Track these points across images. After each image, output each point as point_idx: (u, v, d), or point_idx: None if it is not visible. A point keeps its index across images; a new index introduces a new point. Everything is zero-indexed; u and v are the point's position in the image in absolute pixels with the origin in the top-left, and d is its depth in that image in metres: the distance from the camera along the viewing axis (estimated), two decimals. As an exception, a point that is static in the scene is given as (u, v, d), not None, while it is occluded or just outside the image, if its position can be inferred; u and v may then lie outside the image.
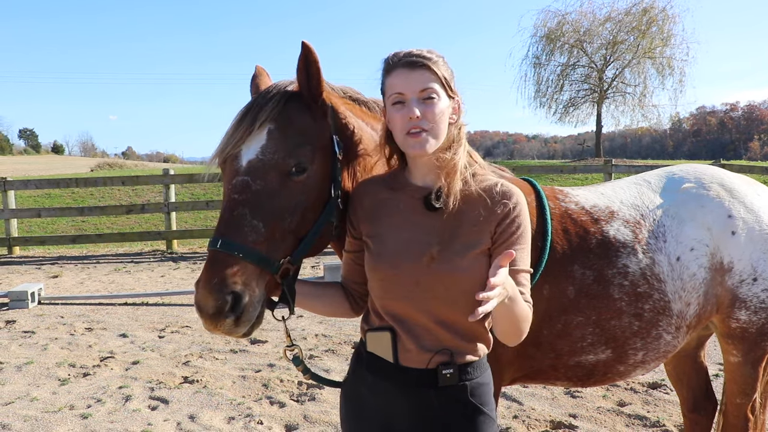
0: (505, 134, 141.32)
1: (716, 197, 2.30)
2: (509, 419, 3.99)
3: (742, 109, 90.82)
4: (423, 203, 1.61)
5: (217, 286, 1.52)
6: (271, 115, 1.65)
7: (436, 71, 1.56)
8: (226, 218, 1.59)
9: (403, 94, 1.56)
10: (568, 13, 29.42)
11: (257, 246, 1.57)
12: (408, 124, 1.55)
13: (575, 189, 2.35)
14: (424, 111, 1.54)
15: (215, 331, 1.57)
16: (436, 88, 1.56)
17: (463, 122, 1.67)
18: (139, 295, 7.55)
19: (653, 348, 2.20)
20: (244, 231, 1.57)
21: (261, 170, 1.62)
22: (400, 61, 1.57)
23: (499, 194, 1.58)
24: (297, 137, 1.65)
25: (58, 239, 11.69)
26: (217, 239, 1.56)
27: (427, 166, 1.63)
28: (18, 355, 5.46)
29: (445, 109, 1.58)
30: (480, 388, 1.61)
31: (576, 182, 17.60)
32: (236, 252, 1.54)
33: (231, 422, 4.04)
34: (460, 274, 1.53)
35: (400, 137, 1.59)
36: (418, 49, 1.59)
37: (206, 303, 1.53)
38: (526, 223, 1.59)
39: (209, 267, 1.55)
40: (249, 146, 1.64)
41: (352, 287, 1.78)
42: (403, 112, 1.56)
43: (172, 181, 11.48)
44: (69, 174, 24.77)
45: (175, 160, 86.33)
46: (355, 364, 1.76)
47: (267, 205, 1.60)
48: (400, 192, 1.66)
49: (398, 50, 1.61)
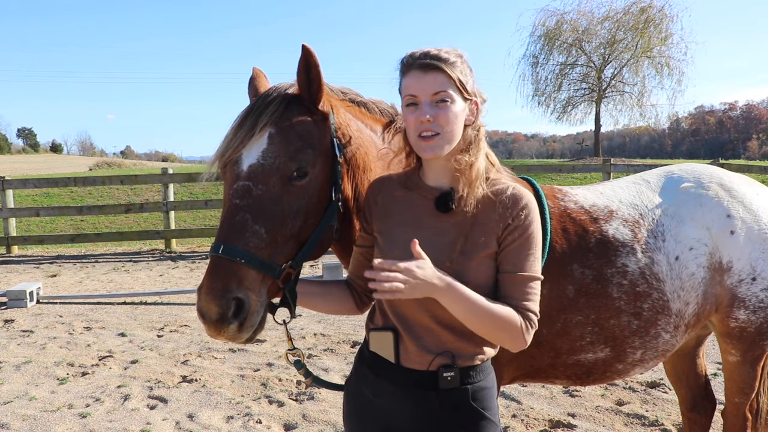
0: (503, 133, 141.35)
1: (715, 197, 2.30)
2: (508, 418, 3.99)
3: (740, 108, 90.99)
4: (434, 204, 1.61)
5: (220, 293, 1.51)
6: (272, 119, 1.63)
7: (450, 74, 1.54)
8: (227, 224, 1.58)
9: (416, 97, 1.56)
10: (566, 12, 29.45)
11: (259, 251, 1.56)
12: (420, 127, 1.55)
13: (574, 188, 2.35)
14: (436, 114, 1.54)
15: (218, 337, 1.56)
16: (450, 91, 1.55)
17: (482, 123, 1.65)
18: (137, 294, 7.55)
19: (652, 347, 2.20)
20: (245, 236, 1.55)
21: (262, 175, 1.60)
22: (415, 62, 1.56)
23: (509, 198, 1.57)
24: (298, 141, 1.64)
25: (56, 238, 11.67)
26: (219, 245, 1.55)
27: (442, 168, 1.63)
28: (16, 355, 5.45)
29: (459, 112, 1.57)
30: (482, 392, 1.60)
31: (575, 181, 17.61)
32: (238, 258, 1.53)
33: (230, 421, 4.04)
34: (466, 276, 1.52)
35: (413, 139, 1.59)
36: (436, 48, 1.58)
37: (209, 309, 1.51)
38: (534, 228, 1.57)
39: (211, 273, 1.54)
40: (250, 150, 1.63)
41: (358, 283, 1.77)
42: (415, 115, 1.55)
43: (170, 180, 11.46)
44: (67, 173, 24.73)
45: (174, 159, 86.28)
46: (358, 362, 1.76)
47: (268, 210, 1.59)
48: (414, 191, 1.66)
49: (415, 50, 1.60)
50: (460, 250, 1.54)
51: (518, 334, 1.52)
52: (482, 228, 1.56)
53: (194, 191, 16.64)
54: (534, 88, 31.01)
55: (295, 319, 1.68)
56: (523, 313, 1.53)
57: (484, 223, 1.56)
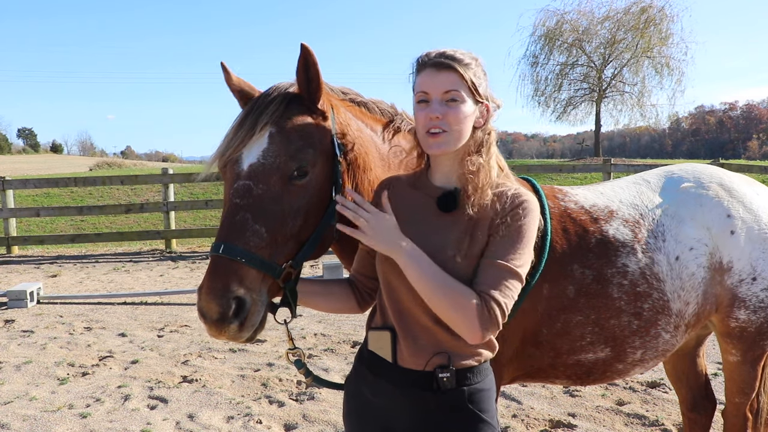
0: (504, 133, 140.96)
1: (715, 197, 2.30)
2: (508, 418, 3.99)
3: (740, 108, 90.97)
4: (436, 204, 1.61)
5: (220, 292, 1.51)
6: (273, 118, 1.64)
7: (463, 74, 1.55)
8: (227, 223, 1.58)
9: (428, 94, 1.57)
10: (566, 12, 29.44)
11: (259, 251, 1.56)
12: (428, 124, 1.56)
13: (574, 188, 2.34)
14: (445, 112, 1.54)
15: (219, 337, 1.56)
16: (461, 91, 1.55)
17: (493, 127, 1.65)
18: (138, 295, 7.55)
19: (652, 347, 2.20)
20: (246, 236, 1.55)
21: (263, 174, 1.60)
22: (430, 60, 1.57)
23: (509, 198, 1.57)
24: (298, 140, 1.64)
25: (56, 238, 11.67)
26: (219, 244, 1.55)
27: (451, 169, 1.63)
28: (17, 355, 5.45)
29: (468, 113, 1.57)
30: (479, 394, 1.59)
31: (575, 181, 17.61)
32: (239, 257, 1.53)
33: (230, 421, 4.04)
34: (464, 275, 1.52)
35: (421, 135, 1.60)
36: (452, 49, 1.59)
37: (210, 309, 1.51)
38: (525, 225, 1.54)
39: (212, 273, 1.54)
40: (250, 150, 1.63)
41: (361, 281, 1.78)
42: (425, 112, 1.57)
43: (171, 180, 11.46)
44: (68, 173, 24.74)
45: (174, 160, 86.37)
46: (358, 362, 1.76)
47: (269, 209, 1.59)
48: (420, 191, 1.67)
49: (431, 49, 1.61)
50: (463, 252, 1.54)
51: (472, 318, 1.45)
52: (483, 229, 1.55)
53: (194, 191, 16.64)
54: (534, 88, 31.04)
55: (296, 319, 1.68)
56: (484, 298, 1.47)
57: (485, 224, 1.56)
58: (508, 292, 1.49)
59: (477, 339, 1.48)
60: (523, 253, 1.53)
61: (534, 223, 1.57)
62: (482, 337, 1.48)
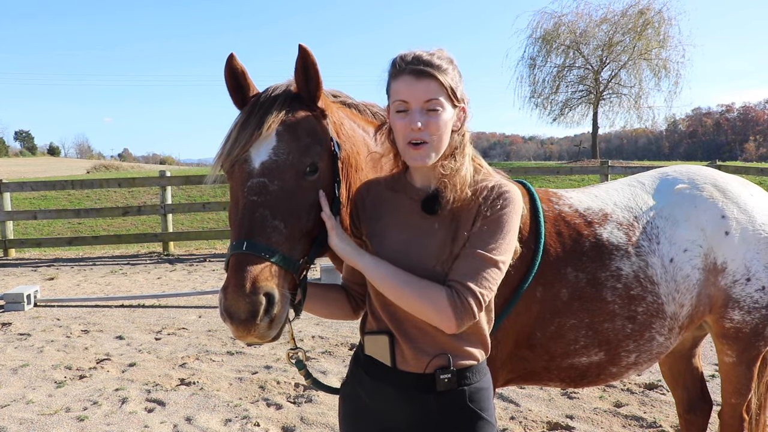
0: (501, 135, 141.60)
1: (709, 198, 2.31)
2: (506, 420, 4.00)
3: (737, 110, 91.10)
4: (420, 206, 1.61)
5: (250, 289, 1.46)
6: (279, 117, 1.64)
7: (442, 81, 1.54)
8: (247, 220, 1.55)
9: (407, 103, 1.55)
10: (564, 15, 29.44)
11: (280, 246, 1.54)
12: (409, 135, 1.55)
13: (569, 191, 2.35)
14: (426, 122, 1.54)
15: (247, 338, 1.50)
16: (441, 99, 1.55)
17: (467, 129, 1.66)
18: (135, 297, 7.54)
19: (646, 350, 2.20)
20: (267, 232, 1.54)
21: (276, 171, 1.60)
22: (407, 66, 1.55)
23: (489, 191, 1.57)
24: (306, 137, 1.65)
25: (54, 241, 11.67)
26: (242, 242, 1.52)
27: (429, 171, 1.63)
28: (14, 358, 5.44)
29: (448, 120, 1.57)
30: (479, 393, 1.60)
31: (572, 183, 17.63)
32: (263, 253, 1.50)
33: (228, 424, 4.03)
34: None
35: (401, 145, 1.59)
36: (428, 53, 1.57)
37: (238, 308, 1.46)
38: (506, 215, 1.53)
39: (237, 270, 1.48)
40: (259, 148, 1.62)
41: (353, 288, 1.78)
42: (405, 121, 1.55)
43: (168, 182, 11.46)
44: (65, 176, 24.68)
45: (172, 162, 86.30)
46: (354, 366, 1.76)
47: (285, 205, 1.58)
48: (401, 193, 1.67)
49: (406, 52, 1.59)
50: (449, 252, 1.54)
51: (444, 307, 1.45)
52: (468, 227, 1.55)
53: (192, 194, 16.63)
54: (531, 90, 31.02)
55: (293, 321, 1.67)
56: (456, 287, 1.47)
57: (469, 221, 1.56)
58: (485, 282, 1.48)
59: (452, 328, 1.48)
60: (503, 242, 1.52)
61: (516, 213, 1.56)
62: (457, 326, 1.48)
